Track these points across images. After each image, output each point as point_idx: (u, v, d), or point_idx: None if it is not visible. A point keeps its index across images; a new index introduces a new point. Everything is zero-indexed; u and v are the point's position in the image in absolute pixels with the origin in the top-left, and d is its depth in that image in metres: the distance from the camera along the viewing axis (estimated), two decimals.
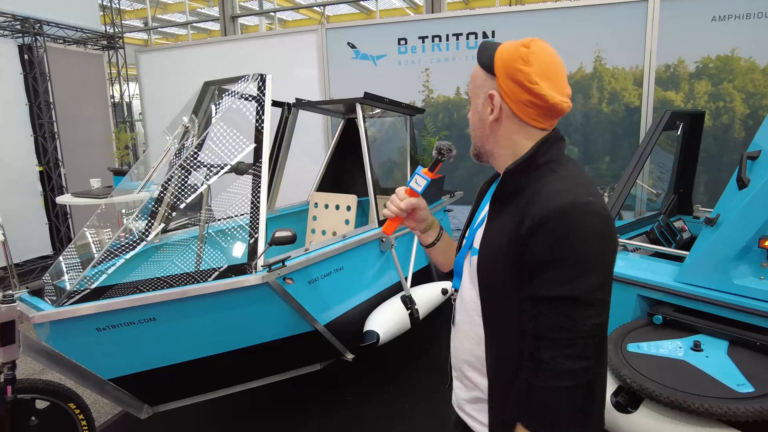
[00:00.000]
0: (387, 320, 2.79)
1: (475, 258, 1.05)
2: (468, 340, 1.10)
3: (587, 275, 0.87)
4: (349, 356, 2.76)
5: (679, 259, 2.32)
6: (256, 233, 2.18)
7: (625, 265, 2.36)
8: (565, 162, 1.01)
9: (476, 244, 1.06)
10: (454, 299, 1.18)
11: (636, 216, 3.87)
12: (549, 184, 0.94)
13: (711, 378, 1.76)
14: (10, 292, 1.87)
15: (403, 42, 4.80)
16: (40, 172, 5.57)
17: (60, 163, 5.73)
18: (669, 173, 3.52)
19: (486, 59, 1.02)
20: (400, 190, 1.16)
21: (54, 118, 5.63)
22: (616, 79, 4.21)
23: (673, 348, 1.96)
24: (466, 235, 1.18)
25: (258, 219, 2.21)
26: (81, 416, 2.11)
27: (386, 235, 1.21)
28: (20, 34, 5.39)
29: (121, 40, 6.72)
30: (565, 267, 0.88)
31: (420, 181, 1.14)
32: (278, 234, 2.10)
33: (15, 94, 5.30)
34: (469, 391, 1.11)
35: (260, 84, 2.47)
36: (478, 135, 1.08)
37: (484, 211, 1.11)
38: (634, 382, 1.78)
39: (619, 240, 2.59)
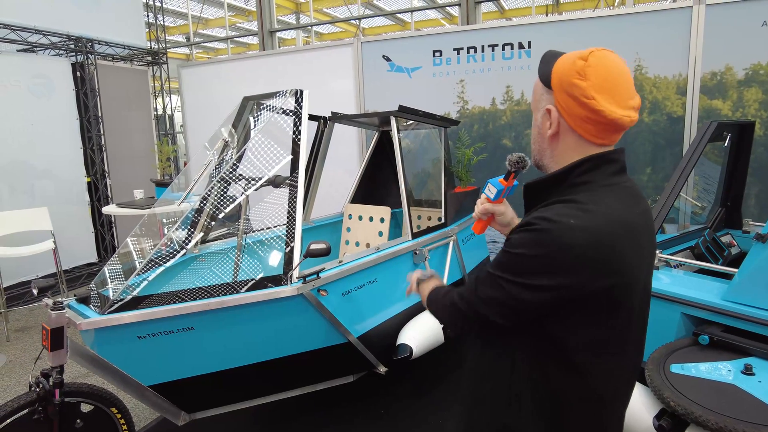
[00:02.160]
0: (420, 334, 2.77)
1: None
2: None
3: (518, 267, 0.94)
4: (382, 369, 2.75)
5: (727, 276, 2.22)
6: (291, 244, 2.21)
7: (668, 281, 2.27)
8: (601, 186, 0.96)
9: None
10: None
11: (679, 230, 3.73)
12: (556, 203, 0.96)
13: (764, 405, 1.67)
14: (60, 299, 1.96)
15: (438, 54, 4.81)
16: (88, 183, 5.84)
17: (106, 174, 5.99)
18: (715, 185, 3.38)
19: (544, 73, 1.01)
20: (482, 197, 1.27)
21: (102, 132, 5.90)
22: (657, 87, 4.08)
23: (720, 370, 1.87)
24: None
25: (294, 230, 2.24)
26: (122, 420, 2.18)
27: (475, 234, 1.39)
28: (73, 53, 5.69)
29: (164, 56, 6.99)
30: (510, 257, 0.96)
31: (491, 188, 1.23)
32: (313, 246, 2.12)
33: (67, 110, 5.60)
34: None
35: (297, 99, 2.52)
36: (536, 148, 1.08)
37: None
38: (678, 405, 1.70)
39: (662, 256, 2.49)
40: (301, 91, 2.54)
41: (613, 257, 0.90)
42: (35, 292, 1.97)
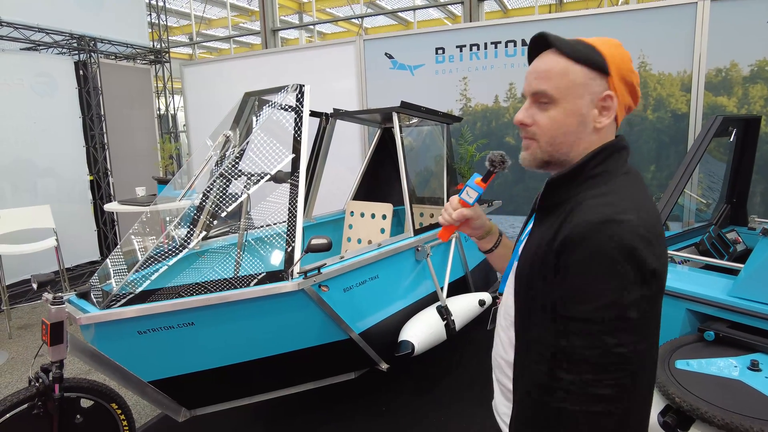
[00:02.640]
0: (422, 330, 2.75)
1: (516, 264, 1.02)
2: (502, 344, 1.07)
3: (612, 301, 0.79)
4: (384, 366, 2.74)
5: (733, 272, 2.19)
6: (292, 241, 2.20)
7: (672, 277, 2.25)
8: (620, 174, 0.93)
9: (521, 251, 1.03)
10: (499, 303, 1.16)
11: (684, 227, 3.70)
12: (590, 198, 0.88)
13: None
14: (60, 294, 1.95)
15: (440, 51, 4.79)
16: (91, 181, 5.84)
17: (109, 173, 5.99)
18: (720, 183, 3.35)
19: (593, 55, 0.92)
20: (454, 200, 1.15)
21: (104, 130, 5.90)
22: (662, 84, 4.06)
23: (726, 366, 1.85)
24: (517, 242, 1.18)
25: (295, 227, 2.23)
26: (122, 416, 2.17)
27: (441, 240, 1.22)
28: (76, 52, 5.70)
29: (167, 55, 7.00)
30: (591, 290, 0.80)
31: (471, 192, 1.13)
32: (314, 241, 2.11)
33: (70, 108, 5.60)
34: (502, 395, 1.09)
35: (299, 94, 2.51)
36: (569, 141, 0.94)
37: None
38: (683, 401, 1.68)
39: (668, 252, 2.47)
40: (302, 87, 2.53)
41: (662, 251, 0.87)
42: (35, 286, 1.96)
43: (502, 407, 1.09)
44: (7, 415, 1.83)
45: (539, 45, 0.96)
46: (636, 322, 0.80)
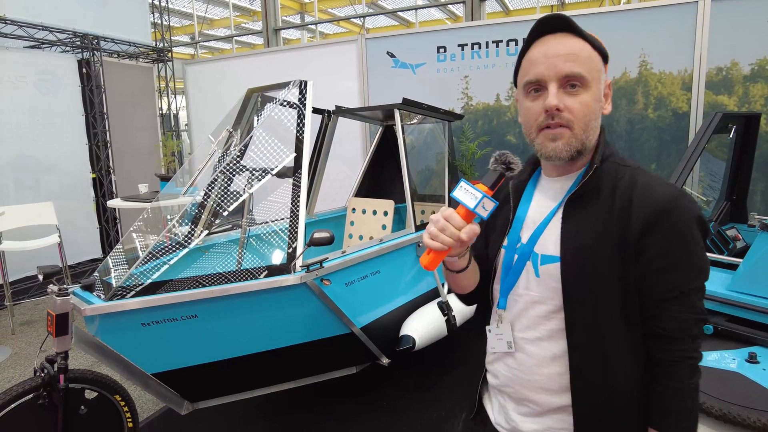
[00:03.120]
0: (423, 326, 2.77)
1: (552, 266, 0.94)
2: (537, 359, 0.98)
3: (705, 261, 0.90)
4: (385, 361, 2.75)
5: (732, 267, 2.21)
6: (295, 234, 2.22)
7: None
8: (621, 154, 0.99)
9: (545, 250, 0.96)
10: (499, 321, 1.04)
11: None
12: (638, 176, 0.92)
13: None
14: (65, 286, 1.97)
15: (442, 50, 4.81)
16: (93, 179, 5.87)
17: (111, 170, 6.02)
18: (720, 180, 3.37)
19: (599, 44, 0.94)
20: (454, 215, 0.89)
21: (107, 128, 5.93)
22: (662, 83, 4.07)
23: (725, 359, 1.86)
24: (505, 243, 1.05)
25: (297, 221, 2.25)
26: (126, 408, 2.19)
27: (427, 269, 0.94)
28: (80, 50, 5.73)
29: (169, 54, 7.03)
30: (693, 259, 0.88)
31: (488, 204, 0.88)
32: (317, 235, 2.13)
33: (73, 106, 5.63)
34: (539, 416, 1.00)
35: (301, 90, 2.53)
36: (594, 127, 0.93)
37: (535, 212, 1.02)
38: None
39: None
40: (305, 82, 2.55)
41: None
42: (41, 277, 1.98)
43: (529, 425, 1.01)
44: (13, 405, 1.85)
45: (551, 27, 0.93)
46: None
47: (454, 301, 3.02)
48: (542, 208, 1.02)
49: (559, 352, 0.95)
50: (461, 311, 3.02)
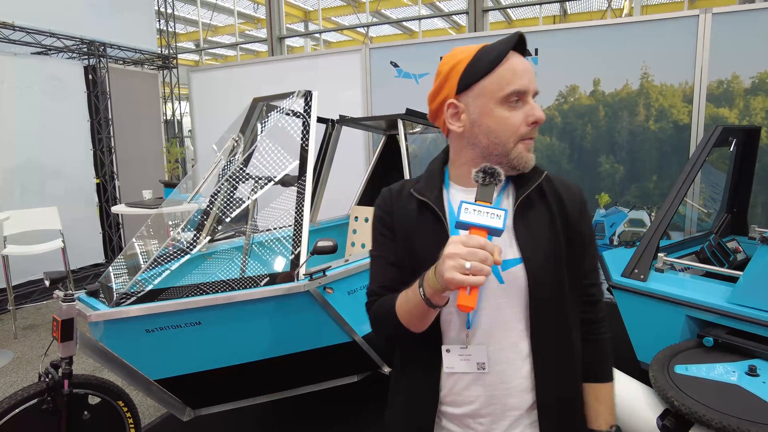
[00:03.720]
0: None
1: (516, 269, 0.95)
2: (515, 364, 0.99)
3: None
4: (386, 369, 2.76)
5: (733, 280, 2.22)
6: (299, 243, 2.24)
7: (673, 284, 2.28)
8: None
9: (502, 256, 0.90)
10: (467, 342, 0.98)
11: (685, 235, 3.73)
12: (548, 178, 1.05)
13: None
14: (71, 291, 1.99)
15: None
16: (97, 184, 5.91)
17: (115, 176, 6.06)
18: (721, 193, 3.39)
19: None
20: (488, 242, 0.80)
21: (111, 134, 5.98)
22: (663, 95, 4.10)
23: (725, 372, 1.87)
24: None
25: (301, 229, 2.27)
26: (128, 414, 2.20)
27: (470, 311, 0.82)
28: (86, 56, 5.79)
29: (174, 61, 7.09)
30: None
31: (498, 215, 0.82)
32: (320, 243, 2.15)
33: (79, 112, 5.68)
34: (515, 420, 1.01)
35: (306, 100, 2.56)
36: None
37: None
38: (682, 405, 1.71)
39: (667, 259, 2.50)
40: (311, 93, 2.58)
41: None
42: (47, 283, 2.00)
43: None
44: (18, 410, 1.87)
45: (522, 46, 1.01)
46: None
47: None
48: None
49: (527, 349, 0.99)
50: None
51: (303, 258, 2.20)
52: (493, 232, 0.82)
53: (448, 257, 0.80)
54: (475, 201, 0.85)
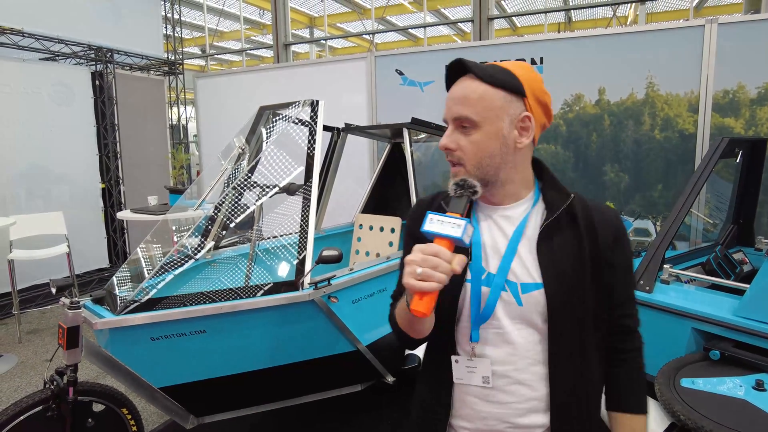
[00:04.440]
0: None
1: (535, 293, 0.96)
2: (523, 387, 1.00)
3: None
4: (390, 379, 2.76)
5: (739, 292, 2.21)
6: (303, 251, 2.24)
7: (678, 296, 2.27)
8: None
9: (523, 279, 0.97)
10: (471, 354, 1.01)
11: (691, 246, 3.71)
12: (584, 200, 1.04)
13: None
14: (77, 299, 2.00)
15: None
16: (102, 189, 5.93)
17: (120, 181, 6.08)
18: (727, 203, 3.37)
19: (509, 79, 0.95)
20: (443, 250, 0.84)
21: (117, 139, 6.01)
22: (669, 105, 4.10)
23: (732, 386, 1.86)
24: (469, 277, 1.00)
25: (306, 238, 2.27)
26: (132, 422, 2.20)
27: (424, 317, 0.86)
28: (93, 62, 5.83)
29: (180, 66, 7.13)
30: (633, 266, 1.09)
31: (470, 230, 0.86)
32: (325, 253, 2.15)
33: (85, 117, 5.72)
34: None
35: (313, 109, 2.57)
36: (496, 162, 0.96)
37: (492, 240, 1.01)
38: (689, 419, 1.69)
39: (672, 270, 2.49)
40: (317, 102, 2.59)
41: None
42: (53, 290, 2.01)
43: None
44: (23, 417, 1.87)
45: (457, 71, 0.99)
46: None
47: None
48: (497, 236, 1.02)
49: (543, 372, 1.00)
50: None
51: (308, 267, 2.20)
52: (457, 242, 0.85)
53: (406, 264, 0.85)
54: (446, 212, 0.89)
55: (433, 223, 0.86)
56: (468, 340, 1.02)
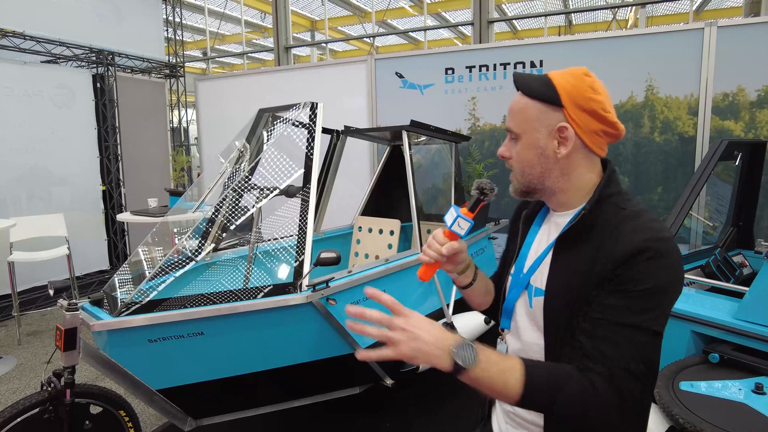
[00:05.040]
0: None
1: (540, 299, 1.00)
2: None
3: (659, 308, 0.89)
4: (389, 382, 2.75)
5: (739, 295, 2.20)
6: (302, 254, 2.24)
7: (678, 299, 2.26)
8: (627, 196, 1.01)
9: (537, 283, 1.03)
10: (502, 339, 1.14)
11: (690, 249, 3.70)
12: (627, 220, 0.93)
13: None
14: (75, 300, 2.00)
15: (450, 71, 4.87)
16: (103, 191, 5.94)
17: (121, 183, 6.09)
18: (727, 205, 3.37)
19: (545, 90, 0.97)
20: (439, 233, 1.07)
21: (118, 141, 6.02)
22: (669, 107, 4.10)
23: (731, 389, 1.85)
24: (512, 271, 1.13)
25: (305, 240, 2.27)
26: (130, 424, 2.19)
27: (422, 281, 1.11)
28: (95, 65, 5.85)
29: (182, 69, 7.15)
30: (655, 301, 0.88)
31: (463, 224, 1.04)
32: (324, 255, 2.15)
33: (86, 120, 5.73)
34: (519, 427, 1.09)
35: (312, 112, 2.57)
36: (536, 172, 1.01)
37: (538, 244, 1.09)
38: (687, 422, 1.69)
39: None
40: (316, 104, 2.59)
41: None
42: (51, 292, 2.01)
43: None
44: (20, 419, 1.87)
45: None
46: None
47: (459, 322, 3.02)
48: (543, 241, 1.09)
49: None
50: (466, 333, 3.02)
51: (306, 269, 2.20)
52: (452, 232, 1.05)
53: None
54: (468, 208, 1.05)
55: (448, 214, 1.06)
56: (500, 326, 1.16)
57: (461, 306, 3.30)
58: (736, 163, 2.97)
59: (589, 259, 0.93)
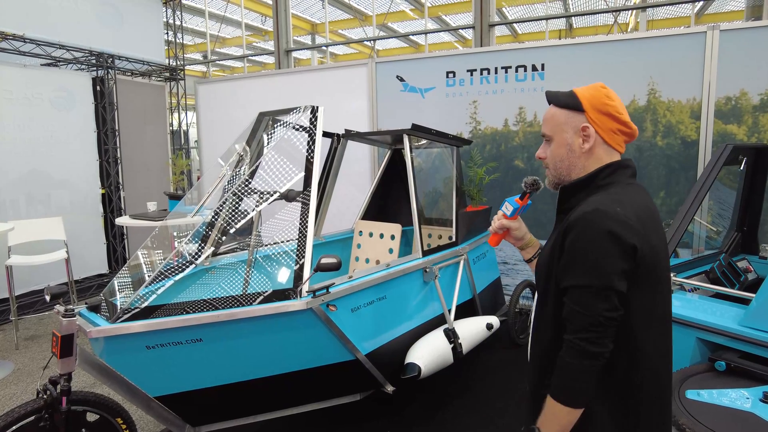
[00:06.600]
0: (429, 353, 2.74)
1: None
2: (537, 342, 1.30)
3: (598, 270, 1.07)
4: (390, 388, 2.72)
5: (744, 301, 2.18)
6: (302, 259, 2.21)
7: (682, 305, 2.23)
8: (624, 184, 1.19)
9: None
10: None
11: (694, 254, 3.68)
12: (593, 199, 1.15)
13: None
14: (71, 306, 1.97)
15: (451, 75, 4.85)
16: (102, 195, 5.92)
17: (120, 187, 6.07)
18: (730, 210, 3.34)
19: (570, 100, 1.24)
20: (499, 213, 1.45)
21: (118, 144, 6.00)
22: (671, 111, 4.08)
23: (738, 398, 1.82)
24: None
25: (305, 245, 2.24)
26: (127, 431, 2.16)
27: (491, 246, 1.49)
28: (95, 68, 5.83)
29: (182, 72, 7.14)
30: (581, 261, 1.09)
31: (507, 206, 1.41)
32: (324, 260, 2.12)
33: (86, 123, 5.72)
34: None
35: (312, 115, 2.55)
36: (565, 165, 1.26)
37: None
38: None
39: (676, 279, 2.46)
40: (317, 108, 2.57)
41: (645, 235, 1.10)
42: (48, 298, 1.98)
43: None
44: (15, 427, 1.84)
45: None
46: (616, 293, 1.06)
47: (460, 328, 2.99)
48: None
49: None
50: (468, 339, 2.99)
51: (306, 274, 2.17)
52: (507, 215, 1.43)
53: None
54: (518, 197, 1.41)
55: (506, 201, 1.43)
56: None
57: (462, 311, 3.27)
58: (741, 168, 2.95)
59: (558, 234, 1.19)
